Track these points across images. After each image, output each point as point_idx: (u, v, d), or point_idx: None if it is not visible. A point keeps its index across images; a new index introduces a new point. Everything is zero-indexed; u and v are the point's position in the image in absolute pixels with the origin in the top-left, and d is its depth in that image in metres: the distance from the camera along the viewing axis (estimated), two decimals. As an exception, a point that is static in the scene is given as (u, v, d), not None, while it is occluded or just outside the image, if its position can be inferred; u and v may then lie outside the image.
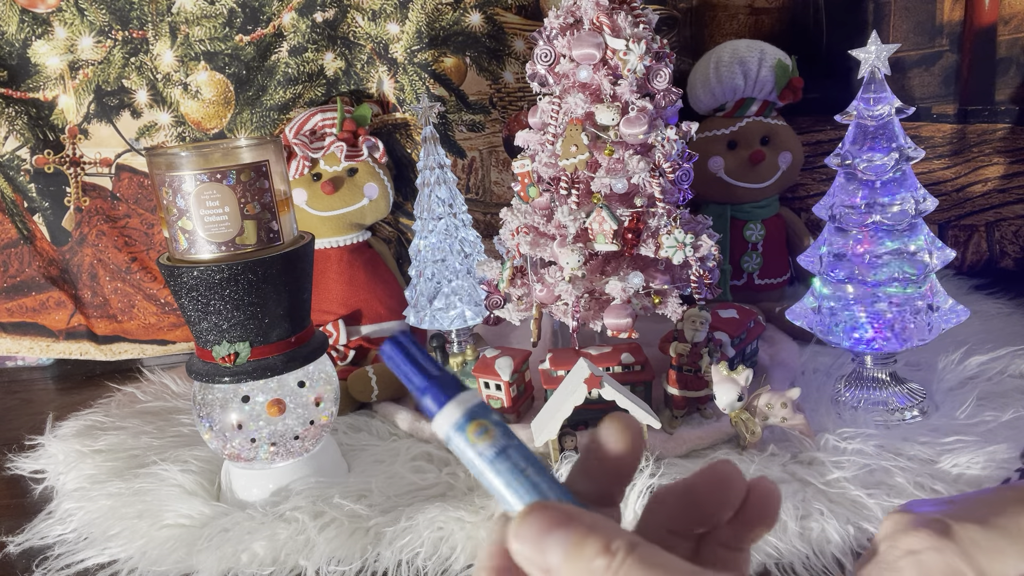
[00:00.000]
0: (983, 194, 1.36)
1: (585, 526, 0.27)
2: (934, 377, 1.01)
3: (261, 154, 0.78)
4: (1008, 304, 1.25)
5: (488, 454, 0.29)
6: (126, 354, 1.36)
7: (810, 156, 1.35)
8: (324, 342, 0.88)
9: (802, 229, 1.33)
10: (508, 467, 0.29)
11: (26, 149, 1.30)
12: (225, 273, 0.76)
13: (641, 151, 0.94)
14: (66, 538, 0.85)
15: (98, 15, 1.26)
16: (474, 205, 1.38)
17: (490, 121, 1.37)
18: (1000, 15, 1.29)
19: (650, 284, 0.93)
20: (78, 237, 1.34)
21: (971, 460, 0.81)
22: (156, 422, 1.07)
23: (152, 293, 1.35)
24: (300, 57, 1.29)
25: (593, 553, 0.26)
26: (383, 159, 1.24)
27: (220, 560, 0.77)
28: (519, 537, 0.27)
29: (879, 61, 0.86)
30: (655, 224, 0.93)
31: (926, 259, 0.89)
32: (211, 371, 0.81)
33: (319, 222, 1.19)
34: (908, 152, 0.87)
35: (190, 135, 1.31)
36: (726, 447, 0.90)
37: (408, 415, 1.01)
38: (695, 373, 0.94)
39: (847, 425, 0.90)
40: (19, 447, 1.06)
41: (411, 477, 0.89)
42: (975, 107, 1.34)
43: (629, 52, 0.89)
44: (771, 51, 1.24)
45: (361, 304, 1.21)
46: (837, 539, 0.73)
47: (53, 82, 1.28)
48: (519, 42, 1.35)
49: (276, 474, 0.87)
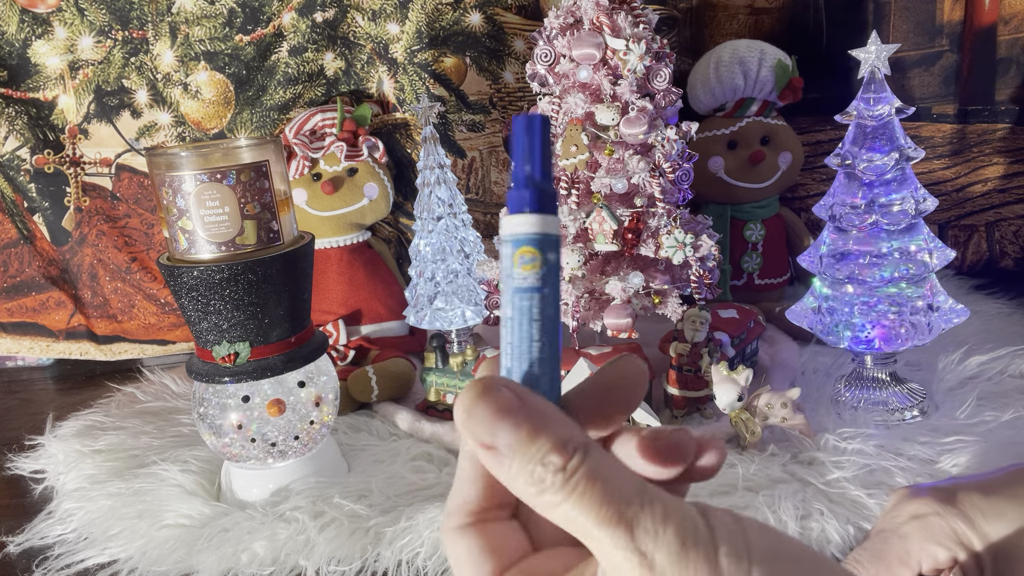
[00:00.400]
0: (983, 194, 1.36)
1: (540, 415, 0.26)
2: (934, 377, 1.01)
3: (261, 154, 0.78)
4: (1008, 304, 1.25)
5: (516, 283, 0.27)
6: (126, 354, 1.36)
7: (810, 156, 1.35)
8: (324, 342, 0.88)
9: (802, 229, 1.33)
10: (524, 308, 0.27)
11: (26, 149, 1.30)
12: (225, 273, 0.76)
13: (641, 151, 0.94)
14: (66, 538, 0.85)
15: (98, 15, 1.26)
16: (474, 205, 1.38)
17: (490, 121, 1.37)
18: (1000, 15, 1.29)
19: (650, 284, 0.93)
20: (78, 237, 1.34)
21: (970, 460, 0.81)
22: (156, 422, 1.07)
23: (152, 293, 1.35)
24: (300, 57, 1.29)
25: (547, 449, 0.25)
26: (383, 159, 1.24)
27: (220, 560, 0.77)
28: (469, 414, 0.26)
29: (879, 61, 0.86)
30: (655, 224, 0.93)
31: (926, 259, 0.89)
32: (211, 371, 0.81)
33: (319, 222, 1.19)
34: (908, 152, 0.87)
35: (190, 135, 1.31)
36: (726, 447, 0.90)
37: (408, 415, 1.01)
38: (695, 373, 0.94)
39: (847, 425, 0.90)
40: (19, 447, 1.06)
41: (411, 477, 0.89)
42: (975, 107, 1.34)
43: (629, 52, 0.89)
44: (771, 51, 1.24)
45: (361, 304, 1.21)
46: (837, 539, 0.73)
47: (53, 82, 1.28)
48: (519, 42, 1.35)
49: (276, 474, 0.87)
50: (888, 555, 0.49)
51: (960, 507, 0.50)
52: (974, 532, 0.49)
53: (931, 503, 0.50)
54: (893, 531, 0.51)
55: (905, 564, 0.49)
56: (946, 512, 0.50)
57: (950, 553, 0.48)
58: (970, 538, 0.49)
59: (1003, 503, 0.49)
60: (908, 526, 0.50)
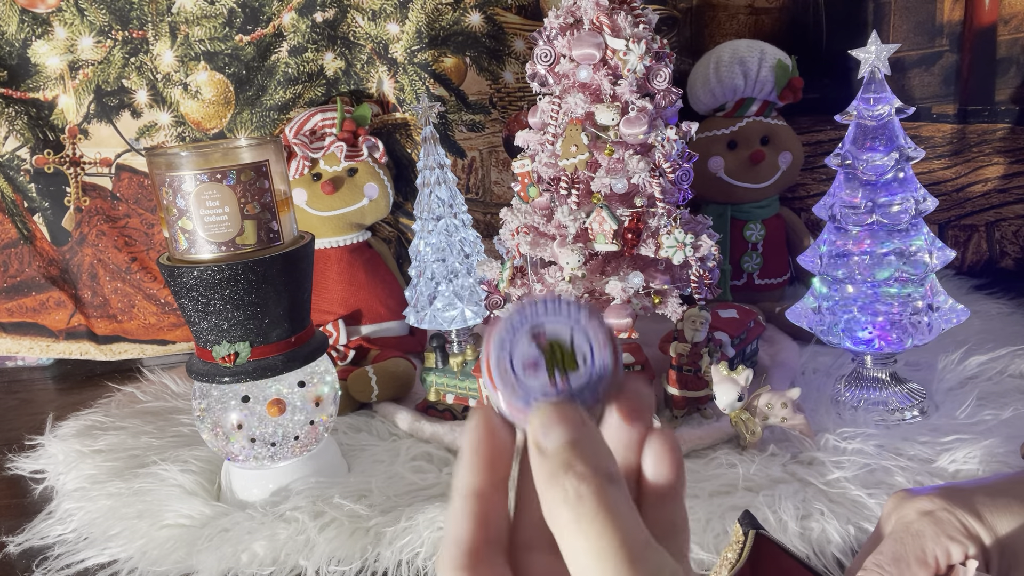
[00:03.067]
0: (983, 194, 1.36)
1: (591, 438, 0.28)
2: (934, 377, 1.01)
3: (261, 154, 0.78)
4: (1008, 304, 1.25)
5: None
6: (126, 354, 1.36)
7: (810, 156, 1.35)
8: (324, 342, 0.88)
9: (802, 229, 1.33)
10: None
11: (26, 149, 1.30)
12: (225, 273, 0.76)
13: (641, 151, 0.94)
14: (66, 538, 0.85)
15: (98, 15, 1.26)
16: (474, 205, 1.38)
17: (490, 121, 1.37)
18: (1000, 15, 1.29)
19: (650, 284, 0.93)
20: (78, 237, 1.34)
21: (968, 455, 0.81)
22: (156, 422, 1.07)
23: (152, 293, 1.35)
24: (300, 57, 1.29)
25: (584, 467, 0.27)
26: (383, 159, 1.24)
27: (220, 560, 0.77)
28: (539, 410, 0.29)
29: (879, 61, 0.86)
30: (655, 224, 0.93)
31: (926, 259, 0.89)
32: (211, 371, 0.81)
33: (319, 222, 1.19)
34: (908, 152, 0.87)
35: (190, 135, 1.31)
36: (726, 447, 0.90)
37: (408, 415, 1.01)
38: (695, 373, 0.94)
39: (847, 425, 0.90)
40: (19, 447, 1.06)
41: (411, 477, 0.89)
42: (975, 107, 1.34)
43: (629, 52, 0.89)
44: (771, 51, 1.24)
45: (361, 304, 1.21)
46: (837, 539, 0.73)
47: (53, 82, 1.28)
48: (519, 42, 1.35)
49: (276, 474, 0.87)
50: (907, 556, 0.49)
51: (968, 502, 0.49)
52: (983, 526, 0.49)
53: (937, 499, 0.50)
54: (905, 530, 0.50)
55: (924, 564, 0.49)
56: (954, 507, 0.49)
57: (962, 548, 0.48)
58: (979, 532, 0.48)
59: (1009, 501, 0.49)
60: (919, 523, 0.50)
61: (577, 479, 0.27)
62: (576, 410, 0.29)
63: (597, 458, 0.28)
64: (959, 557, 0.48)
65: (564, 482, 0.27)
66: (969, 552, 0.48)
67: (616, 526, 0.26)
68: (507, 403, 0.30)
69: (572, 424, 0.28)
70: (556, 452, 0.28)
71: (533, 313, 0.30)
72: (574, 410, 0.29)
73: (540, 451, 0.28)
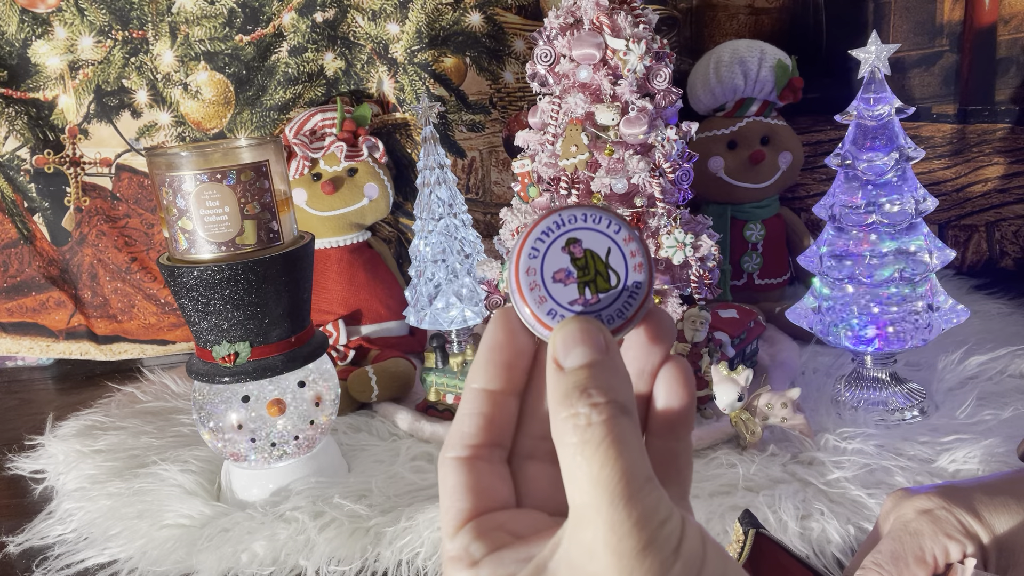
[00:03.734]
0: (983, 194, 1.36)
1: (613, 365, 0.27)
2: (934, 377, 1.01)
3: (261, 154, 0.78)
4: (1008, 304, 1.25)
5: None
6: (126, 354, 1.36)
7: (810, 156, 1.35)
8: (324, 342, 0.88)
9: (802, 229, 1.33)
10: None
11: (26, 149, 1.30)
12: (225, 273, 0.76)
13: (641, 151, 0.94)
14: (66, 538, 0.85)
15: (98, 15, 1.26)
16: (474, 205, 1.38)
17: (490, 121, 1.37)
18: (1000, 15, 1.29)
19: (650, 284, 0.93)
20: (78, 237, 1.34)
21: (968, 455, 0.81)
22: (156, 422, 1.07)
23: (152, 293, 1.35)
24: (300, 57, 1.29)
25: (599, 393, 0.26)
26: (383, 159, 1.24)
27: (220, 560, 0.77)
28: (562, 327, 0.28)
29: (879, 61, 0.86)
30: (655, 224, 0.93)
31: (926, 259, 0.89)
32: (211, 371, 0.81)
33: (319, 222, 1.19)
34: (908, 152, 0.87)
35: (190, 135, 1.31)
36: (726, 447, 0.90)
37: (408, 415, 1.01)
38: (695, 373, 0.94)
39: (847, 425, 0.90)
40: (19, 447, 1.06)
41: (411, 477, 0.89)
42: (975, 107, 1.34)
43: (629, 52, 0.89)
44: (771, 51, 1.24)
45: (361, 304, 1.21)
46: (837, 539, 0.73)
47: (53, 82, 1.28)
48: (519, 42, 1.35)
49: (276, 474, 0.87)
50: (905, 554, 0.49)
51: (966, 501, 0.49)
52: (981, 525, 0.49)
53: (935, 498, 0.50)
54: (903, 529, 0.50)
55: (922, 562, 0.49)
56: (952, 506, 0.49)
57: (960, 546, 0.48)
58: (977, 531, 0.48)
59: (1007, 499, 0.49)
60: (917, 522, 0.50)
61: (590, 404, 0.26)
62: (601, 330, 0.28)
63: (613, 385, 0.27)
64: (957, 555, 0.48)
65: (576, 404, 0.26)
66: (967, 550, 0.48)
67: (620, 458, 0.25)
68: (532, 312, 0.29)
69: (595, 346, 0.27)
70: (574, 372, 0.27)
71: (571, 221, 0.29)
72: (599, 330, 0.28)
73: (558, 367, 0.27)
